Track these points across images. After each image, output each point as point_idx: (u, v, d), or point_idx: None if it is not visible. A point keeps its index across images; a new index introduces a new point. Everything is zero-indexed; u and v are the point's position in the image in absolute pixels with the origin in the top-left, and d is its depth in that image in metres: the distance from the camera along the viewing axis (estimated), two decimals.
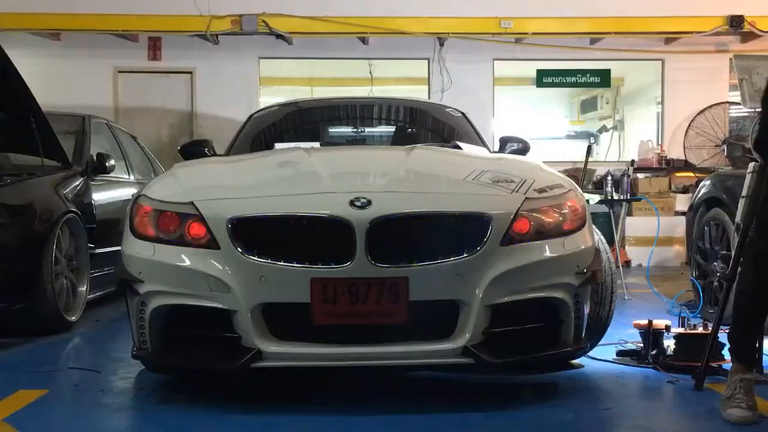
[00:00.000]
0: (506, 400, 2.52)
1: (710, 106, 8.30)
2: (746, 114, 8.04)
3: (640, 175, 8.13)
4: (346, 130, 4.46)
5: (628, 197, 5.83)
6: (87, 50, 8.11)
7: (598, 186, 7.36)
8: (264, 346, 2.29)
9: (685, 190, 7.91)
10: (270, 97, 8.32)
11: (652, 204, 6.66)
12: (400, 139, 4.12)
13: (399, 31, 7.92)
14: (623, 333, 3.38)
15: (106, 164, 4.57)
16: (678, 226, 7.12)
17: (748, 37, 8.15)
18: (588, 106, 10.09)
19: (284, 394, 2.56)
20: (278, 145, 3.44)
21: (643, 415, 2.34)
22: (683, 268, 6.79)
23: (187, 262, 2.35)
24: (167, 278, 2.37)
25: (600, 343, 3.09)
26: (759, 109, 2.49)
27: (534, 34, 8.01)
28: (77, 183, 4.31)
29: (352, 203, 2.28)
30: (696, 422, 2.28)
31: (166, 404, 2.46)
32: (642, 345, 3.04)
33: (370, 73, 8.66)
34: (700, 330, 2.94)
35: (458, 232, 2.31)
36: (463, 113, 4.29)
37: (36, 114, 3.99)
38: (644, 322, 3.02)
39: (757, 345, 2.46)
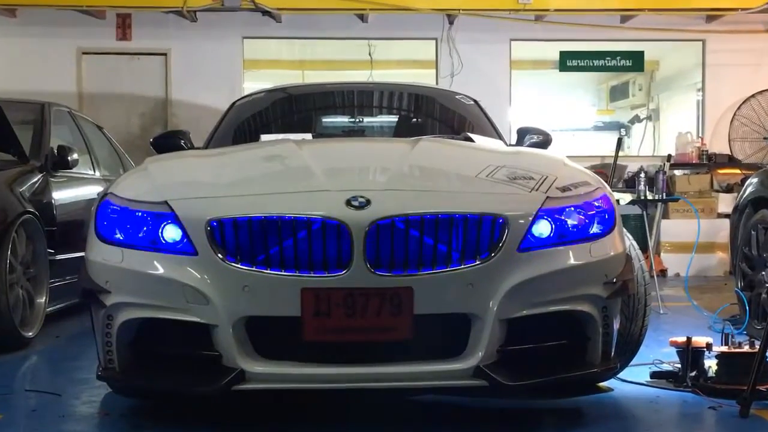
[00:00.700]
0: (524, 429, 2.50)
1: (757, 93, 8.30)
2: None
3: (677, 172, 8.13)
4: (342, 119, 4.46)
5: (664, 197, 5.83)
6: (46, 28, 8.12)
7: (630, 184, 7.36)
8: (247, 365, 2.29)
9: (729, 189, 7.92)
10: (255, 83, 8.32)
11: (691, 205, 6.67)
12: (403, 130, 4.12)
13: (402, 6, 7.92)
14: (658, 352, 3.38)
15: (69, 158, 4.57)
16: (721, 230, 7.12)
17: None
18: (618, 93, 10.09)
19: (267, 416, 2.56)
20: (264, 137, 3.44)
21: None
22: (726, 278, 6.79)
23: (161, 270, 2.35)
24: (137, 288, 2.38)
25: (631, 363, 3.09)
26: None
27: (556, 10, 8.01)
28: (35, 180, 4.30)
29: (348, 203, 2.29)
30: None
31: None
32: (679, 365, 3.03)
33: (370, 55, 8.66)
34: (745, 348, 2.93)
35: (470, 236, 2.31)
36: (475, 101, 4.29)
37: None
38: (682, 339, 3.02)
39: None
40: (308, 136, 3.49)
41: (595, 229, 2.49)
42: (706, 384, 2.89)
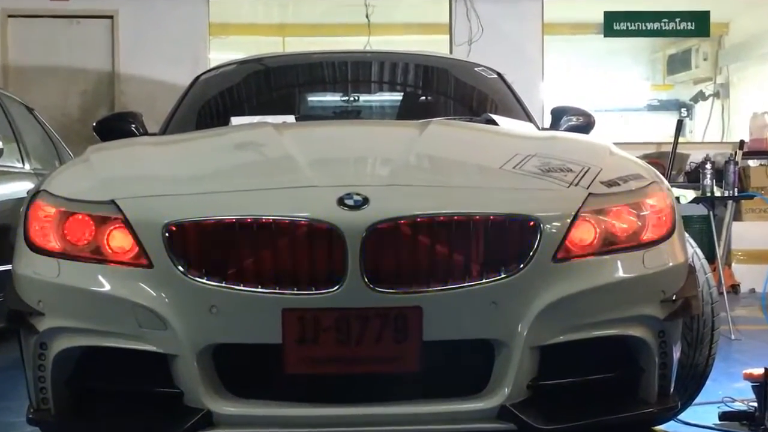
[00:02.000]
0: None
1: None
2: None
3: (752, 163, 8.13)
4: (333, 98, 4.46)
5: (736, 194, 5.84)
6: None
7: (693, 177, 7.37)
8: (215, 405, 2.29)
9: None
10: (224, 52, 8.34)
11: None
12: (409, 110, 4.13)
13: None
14: (729, 387, 3.38)
15: None
16: None
17: None
18: (678, 63, 10.10)
19: None
20: (236, 120, 3.45)
21: None
22: None
23: (107, 287, 2.35)
24: (78, 309, 2.38)
25: (696, 401, 3.09)
26: None
27: None
28: None
29: (341, 202, 2.29)
30: None
31: None
32: (755, 404, 3.03)
33: (367, 17, 8.67)
34: None
35: (492, 242, 2.31)
36: (499, 74, 4.30)
37: None
38: (759, 371, 3.02)
39: None
40: (290, 118, 3.50)
41: (649, 233, 2.49)
42: None
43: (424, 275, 2.27)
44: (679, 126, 6.87)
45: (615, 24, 8.66)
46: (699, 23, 8.72)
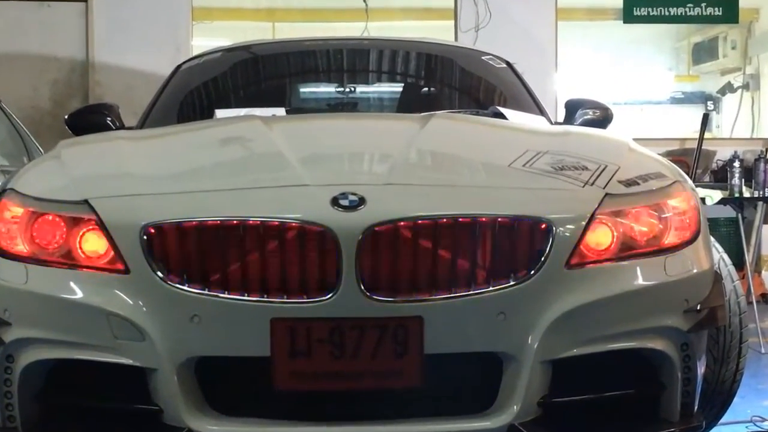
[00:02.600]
0: None
1: None
2: None
3: None
4: (327, 89, 4.47)
5: (767, 194, 5.83)
6: None
7: (720, 176, 7.36)
8: (197, 424, 2.29)
9: None
10: (208, 39, 8.34)
11: None
12: (410, 103, 4.14)
13: None
14: (758, 405, 3.38)
15: None
16: None
17: None
18: (704, 53, 10.10)
19: None
20: (220, 113, 3.45)
21: None
22: None
23: (79, 294, 2.36)
24: (47, 319, 2.38)
25: (722, 420, 3.10)
26: None
27: None
28: None
29: (335, 202, 2.30)
30: None
31: None
32: None
33: (365, 1, 8.68)
34: None
35: (500, 247, 2.32)
36: (508, 63, 4.31)
37: None
38: None
39: None
40: (280, 111, 3.50)
41: (671, 237, 2.50)
42: None
43: (425, 282, 2.28)
44: (705, 120, 6.87)
45: (635, 9, 8.64)
46: (727, 8, 8.71)
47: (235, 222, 2.29)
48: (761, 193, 5.80)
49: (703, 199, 4.82)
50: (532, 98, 4.03)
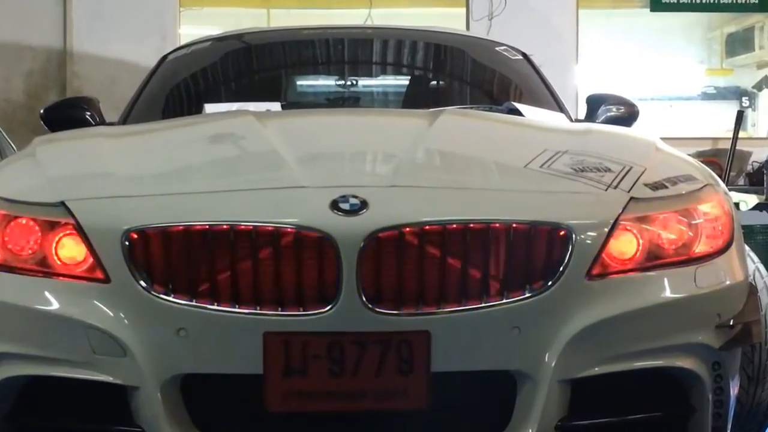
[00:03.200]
0: None
1: None
2: None
3: None
4: (326, 82, 4.48)
5: None
6: None
7: (756, 179, 7.37)
8: None
9: None
10: (197, 27, 8.35)
11: None
12: (417, 98, 4.14)
13: None
14: None
15: None
16: None
17: None
18: (738, 44, 10.11)
19: None
20: (210, 108, 3.46)
21: None
22: None
23: (54, 305, 2.36)
24: (20, 332, 2.38)
25: None
26: None
27: None
28: None
29: (335, 206, 2.30)
30: None
31: None
32: None
33: None
34: None
35: (515, 255, 2.31)
36: (524, 55, 4.31)
37: None
38: None
39: None
40: (275, 106, 3.51)
41: (702, 246, 2.49)
42: None
43: (433, 294, 2.28)
44: (740, 118, 6.87)
45: None
46: None
47: (225, 227, 2.29)
48: None
49: (736, 204, 4.81)
50: (550, 93, 4.04)
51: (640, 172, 2.55)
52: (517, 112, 3.44)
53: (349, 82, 4.30)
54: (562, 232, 2.33)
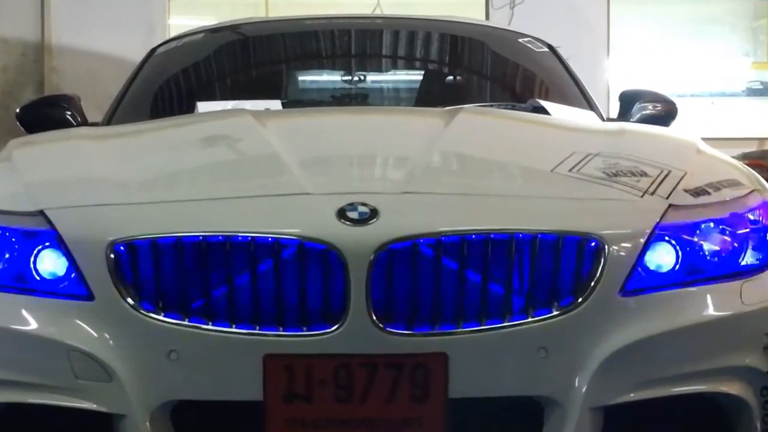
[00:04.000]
0: None
1: None
2: None
3: None
4: (332, 78, 4.48)
5: None
6: None
7: None
8: None
9: None
10: (188, 18, 8.37)
11: None
12: (432, 95, 4.16)
13: None
14: None
15: None
16: None
17: None
18: None
19: None
20: (203, 106, 3.47)
21: None
22: None
23: (33, 325, 2.36)
24: None
25: None
26: None
27: None
28: None
29: (342, 215, 2.30)
30: None
31: None
32: None
33: None
34: None
35: (542, 269, 2.32)
36: (550, 47, 4.32)
37: None
38: None
39: None
40: (275, 104, 3.52)
41: (748, 258, 2.50)
42: None
43: (451, 312, 2.28)
44: None
45: None
46: None
47: (220, 238, 2.29)
48: None
49: None
50: (579, 89, 4.04)
51: (680, 177, 2.56)
52: (543, 111, 3.44)
53: (356, 78, 4.31)
54: (593, 243, 2.33)
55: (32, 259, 2.39)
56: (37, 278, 2.39)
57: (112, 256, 2.31)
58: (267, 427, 2.27)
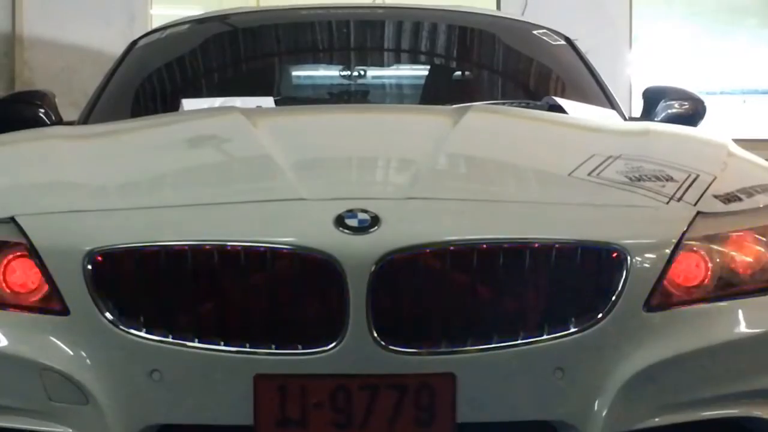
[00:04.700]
0: None
1: None
2: None
3: None
4: (329, 73, 4.48)
5: None
6: None
7: None
8: None
9: None
10: (172, 7, 8.37)
11: None
12: (438, 92, 4.17)
13: None
14: None
15: None
16: None
17: None
18: None
19: None
20: (189, 104, 3.47)
21: None
22: None
23: (2, 342, 2.36)
24: None
25: None
26: None
27: None
28: None
29: (340, 222, 2.30)
30: None
31: None
32: None
33: None
34: None
35: (558, 282, 2.32)
36: (568, 40, 4.32)
37: None
38: None
39: None
40: (268, 101, 3.52)
41: None
42: None
43: (459, 329, 2.28)
44: None
45: None
46: None
47: (207, 247, 2.29)
48: None
49: None
50: (599, 85, 4.05)
51: (709, 182, 2.56)
52: (559, 109, 3.44)
53: (356, 73, 4.31)
54: (614, 254, 2.33)
55: (1, 269, 2.39)
56: (7, 291, 2.39)
57: (89, 266, 2.31)
58: None
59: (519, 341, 2.28)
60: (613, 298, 2.31)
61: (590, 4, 8.25)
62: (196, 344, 2.27)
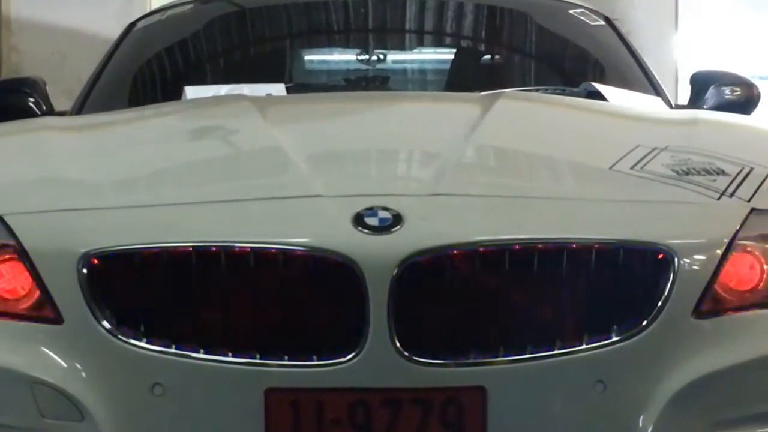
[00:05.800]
0: None
1: None
2: None
3: None
4: (345, 57, 4.48)
5: None
6: None
7: None
8: None
9: None
10: None
11: None
12: (465, 78, 4.18)
13: None
14: None
15: None
16: None
17: None
18: None
19: None
20: (192, 92, 3.47)
21: None
22: None
23: None
24: None
25: None
26: None
27: None
28: None
29: (359, 221, 2.31)
30: None
31: None
32: None
33: None
34: None
35: (598, 286, 2.32)
36: (607, 20, 4.32)
37: None
38: None
39: None
40: (279, 88, 3.53)
41: None
42: None
43: (489, 338, 2.28)
44: None
45: None
46: None
47: (213, 249, 2.30)
48: None
49: None
50: (642, 70, 4.04)
51: (764, 176, 2.56)
52: (599, 96, 3.44)
53: (374, 57, 4.30)
54: (660, 256, 2.33)
55: None
56: None
57: (85, 270, 2.32)
58: None
59: (555, 352, 2.27)
60: (659, 303, 2.31)
61: None
62: (201, 355, 2.27)
